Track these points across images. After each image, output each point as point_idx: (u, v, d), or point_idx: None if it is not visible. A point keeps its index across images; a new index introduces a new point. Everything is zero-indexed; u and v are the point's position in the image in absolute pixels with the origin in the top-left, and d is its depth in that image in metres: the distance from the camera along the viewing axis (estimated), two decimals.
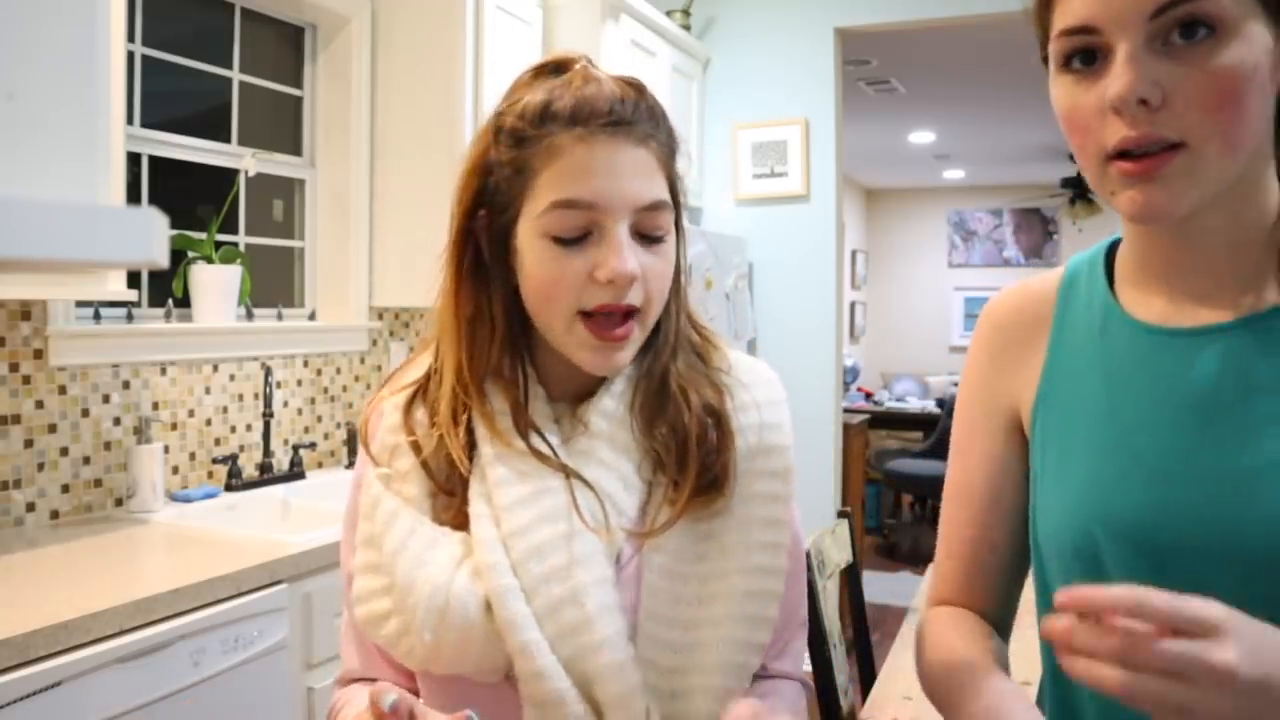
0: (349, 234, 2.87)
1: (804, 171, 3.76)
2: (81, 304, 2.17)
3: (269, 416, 2.55)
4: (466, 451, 0.87)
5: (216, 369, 2.48)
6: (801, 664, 0.98)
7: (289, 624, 1.86)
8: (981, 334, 0.94)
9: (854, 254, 8.73)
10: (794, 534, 0.92)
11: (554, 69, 0.87)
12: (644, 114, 0.85)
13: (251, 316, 2.61)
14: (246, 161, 2.57)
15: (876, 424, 6.61)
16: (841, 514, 2.19)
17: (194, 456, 2.43)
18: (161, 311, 2.42)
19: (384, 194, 2.89)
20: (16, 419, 2.03)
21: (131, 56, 2.34)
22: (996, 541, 0.92)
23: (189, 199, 2.63)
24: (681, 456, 0.87)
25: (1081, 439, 0.82)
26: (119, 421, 2.23)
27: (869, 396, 7.36)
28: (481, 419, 0.88)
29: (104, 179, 0.53)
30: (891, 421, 7.00)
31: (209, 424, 2.46)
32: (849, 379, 7.15)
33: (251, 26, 2.72)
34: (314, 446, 2.75)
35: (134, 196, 2.35)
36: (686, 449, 0.87)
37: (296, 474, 2.63)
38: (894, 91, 5.54)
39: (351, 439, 2.85)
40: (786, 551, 0.90)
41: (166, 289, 2.43)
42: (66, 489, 2.13)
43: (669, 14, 3.63)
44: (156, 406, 2.32)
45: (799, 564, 0.95)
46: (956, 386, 1.03)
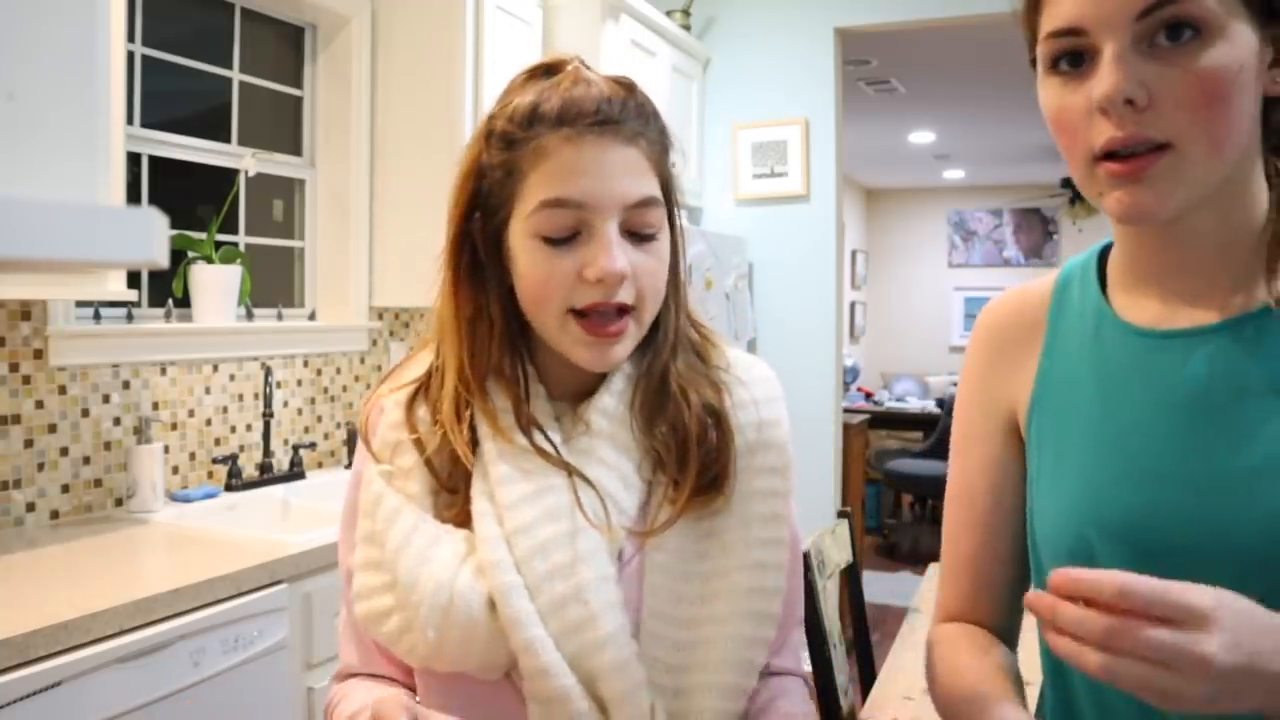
0: (349, 234, 2.87)
1: (804, 171, 3.76)
2: (81, 304, 2.17)
3: (269, 416, 2.55)
4: (470, 449, 0.88)
5: (216, 369, 2.48)
6: (800, 659, 0.99)
7: (289, 624, 1.86)
8: (977, 339, 0.95)
9: (854, 254, 8.73)
10: (792, 529, 0.93)
11: (546, 71, 0.88)
12: (632, 112, 0.85)
13: (251, 316, 2.61)
14: (246, 161, 2.57)
15: (876, 424, 6.61)
16: (841, 514, 2.19)
17: (194, 456, 2.43)
18: (161, 311, 2.42)
19: (384, 194, 2.89)
20: (16, 419, 2.03)
21: (131, 56, 2.34)
22: (1000, 550, 0.92)
23: (189, 199, 2.63)
24: (682, 456, 0.87)
25: (1076, 442, 0.83)
26: (119, 421, 2.23)
27: (869, 396, 7.36)
28: (484, 416, 0.88)
29: (104, 179, 0.53)
30: (891, 421, 7.01)
31: (209, 424, 2.46)
32: (849, 379, 7.15)
33: (251, 26, 2.72)
34: (314, 446, 2.75)
35: (134, 196, 2.35)
36: (687, 448, 0.87)
37: (296, 474, 2.63)
38: (894, 91, 5.54)
39: (351, 439, 2.85)
40: (785, 546, 0.90)
41: (166, 289, 2.43)
42: (66, 489, 2.13)
43: (669, 14, 3.63)
44: (156, 406, 2.32)
45: (796, 559, 0.96)
46: (956, 387, 1.04)
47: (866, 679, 2.00)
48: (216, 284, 2.43)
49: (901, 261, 9.25)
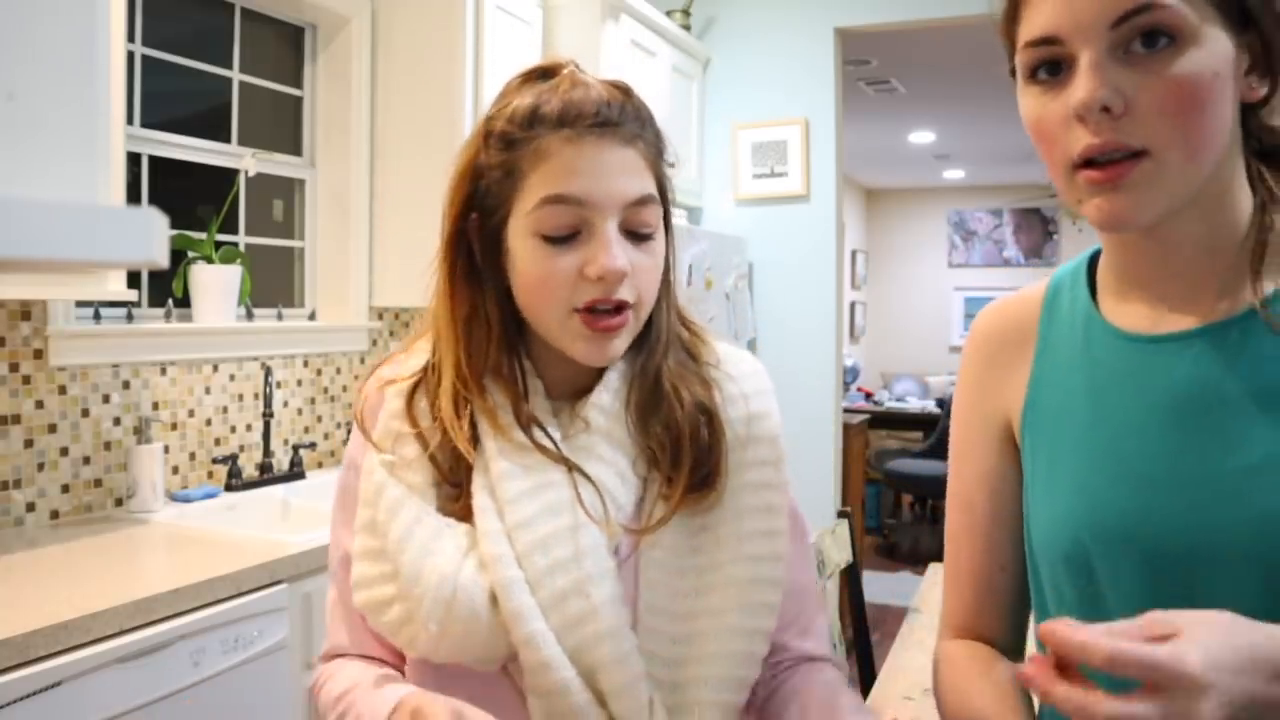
0: (349, 234, 2.87)
1: (804, 171, 3.76)
2: (81, 304, 2.17)
3: (269, 416, 2.55)
4: (471, 446, 0.89)
5: (216, 369, 2.48)
6: (829, 644, 0.99)
7: (289, 624, 1.86)
8: (970, 349, 0.95)
9: (854, 254, 8.73)
10: (794, 517, 0.94)
11: (542, 74, 0.90)
12: (630, 115, 0.87)
13: (251, 316, 2.61)
14: (246, 161, 2.57)
15: (876, 424, 6.61)
16: (841, 514, 2.19)
17: (194, 456, 2.43)
18: (161, 311, 2.42)
19: (384, 194, 2.89)
20: (16, 419, 2.03)
21: (131, 56, 2.34)
22: (1003, 558, 0.92)
23: (189, 199, 2.63)
24: (675, 454, 0.89)
25: (1069, 448, 0.83)
26: (119, 421, 2.23)
27: (869, 396, 7.36)
28: (483, 414, 0.89)
29: (104, 179, 0.53)
30: (891, 421, 7.01)
31: (209, 424, 2.46)
32: (849, 379, 7.15)
33: (251, 26, 2.72)
34: (314, 446, 2.75)
35: (134, 196, 2.35)
36: (680, 446, 0.89)
37: (296, 474, 2.63)
38: (894, 91, 5.54)
39: None
40: (785, 536, 0.91)
41: (166, 289, 2.43)
42: (66, 489, 2.13)
43: (669, 14, 3.63)
44: (156, 406, 2.32)
45: (804, 545, 0.97)
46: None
47: (866, 679, 2.00)
48: (216, 284, 2.43)
49: (901, 261, 9.25)
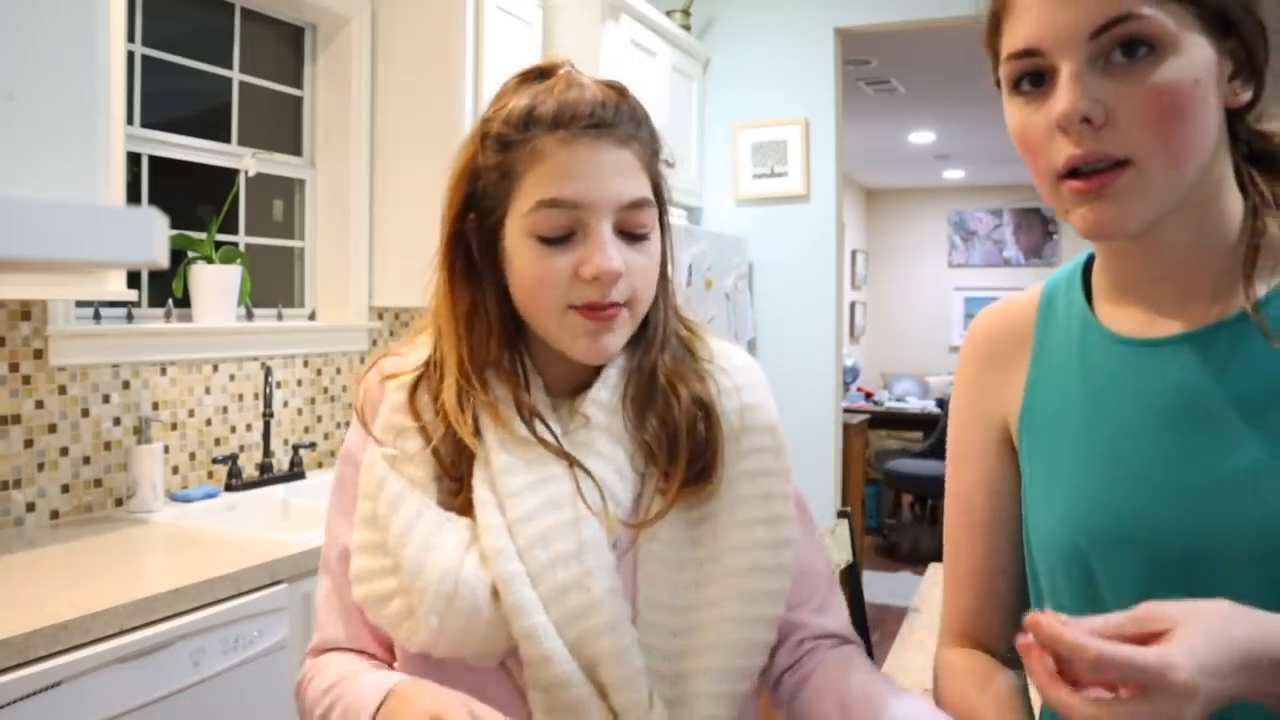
0: (349, 234, 2.87)
1: (804, 171, 3.76)
2: (81, 304, 2.17)
3: (269, 416, 2.55)
4: (475, 438, 0.89)
5: (216, 369, 2.48)
6: (848, 622, 0.98)
7: (289, 624, 1.86)
8: (966, 354, 0.96)
9: (854, 254, 8.73)
10: (798, 502, 0.94)
11: (538, 75, 0.90)
12: (625, 116, 0.88)
13: (251, 316, 2.61)
14: (246, 161, 2.57)
15: (876, 424, 6.61)
16: (841, 514, 2.19)
17: (194, 456, 2.43)
18: (161, 311, 2.42)
19: (384, 194, 2.89)
20: (16, 419, 2.03)
21: (131, 56, 2.34)
22: (1003, 561, 0.92)
23: (189, 199, 2.63)
24: (672, 449, 0.89)
25: (1066, 452, 0.83)
26: (119, 421, 2.23)
27: (869, 396, 7.36)
28: (484, 407, 0.89)
29: (104, 179, 0.53)
30: (891, 421, 7.01)
31: (209, 424, 2.46)
32: (849, 379, 7.15)
33: (251, 26, 2.72)
34: (314, 446, 2.75)
35: (134, 196, 2.35)
36: (676, 441, 0.89)
37: (296, 474, 2.63)
38: (894, 91, 5.54)
39: None
40: (789, 522, 0.91)
41: (166, 289, 2.43)
42: (66, 489, 2.13)
43: (669, 14, 3.63)
44: (156, 406, 2.32)
45: (810, 528, 0.98)
46: None
47: None
48: (216, 284, 2.43)
49: (901, 261, 9.25)
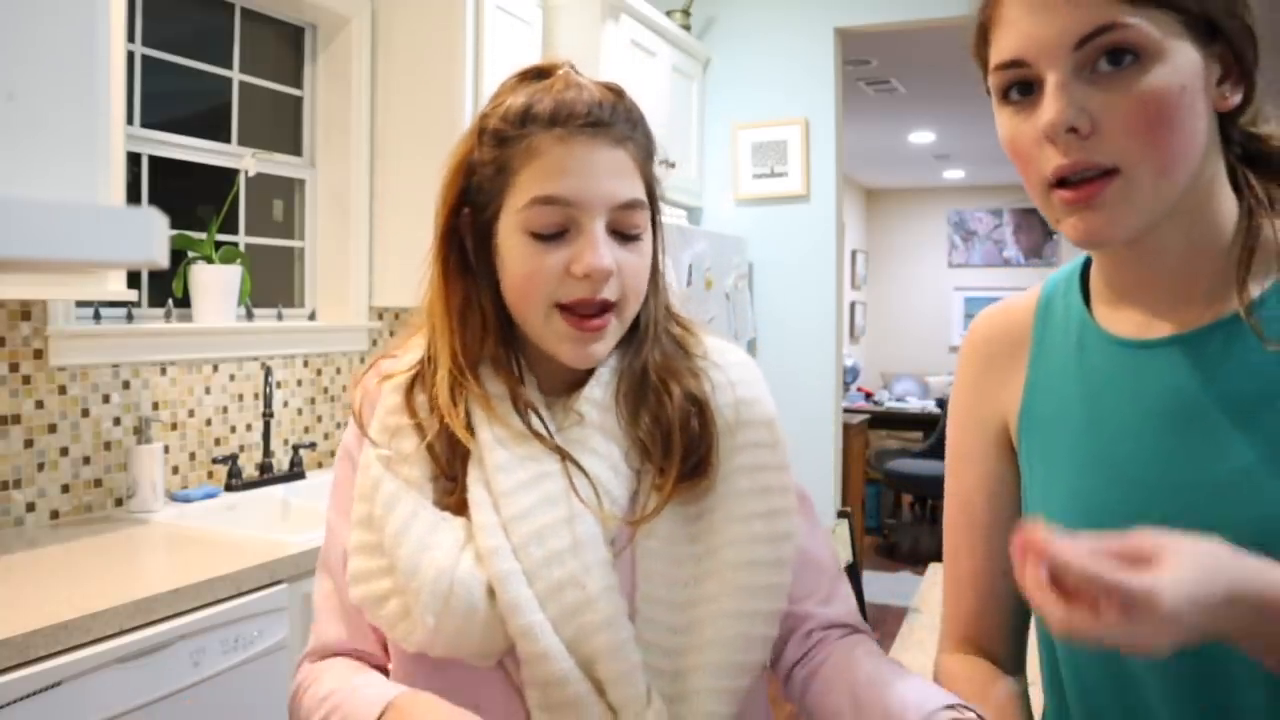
0: (349, 234, 2.87)
1: (804, 171, 3.76)
2: (81, 304, 2.17)
3: (269, 416, 2.55)
4: (468, 434, 0.89)
5: (216, 369, 2.48)
6: (856, 610, 0.98)
7: (289, 624, 1.86)
8: (965, 357, 0.96)
9: (854, 254, 8.73)
10: (800, 495, 0.94)
11: (537, 74, 0.91)
12: (621, 116, 0.88)
13: (251, 316, 2.61)
14: (246, 161, 2.57)
15: (876, 424, 6.61)
16: (841, 514, 2.19)
17: (194, 456, 2.43)
18: (161, 311, 2.42)
19: (384, 194, 2.89)
20: (16, 419, 2.03)
21: (131, 56, 2.34)
22: (1003, 564, 0.92)
23: (189, 199, 2.63)
24: (666, 445, 0.89)
25: (1064, 453, 0.84)
26: (119, 421, 2.23)
27: (869, 396, 7.36)
28: (478, 402, 0.90)
29: (104, 179, 0.53)
30: (891, 421, 7.01)
31: (209, 424, 2.46)
32: (849, 379, 7.15)
33: (251, 26, 2.72)
34: (314, 446, 2.75)
35: (134, 196, 2.35)
36: (670, 438, 0.89)
37: (296, 474, 2.63)
38: (894, 91, 5.54)
39: None
40: (788, 516, 0.91)
41: (166, 289, 2.43)
42: (66, 489, 2.13)
43: (669, 14, 3.63)
44: (156, 406, 2.32)
45: (813, 520, 0.98)
46: None
47: None
48: (216, 284, 2.43)
49: (901, 261, 9.25)
